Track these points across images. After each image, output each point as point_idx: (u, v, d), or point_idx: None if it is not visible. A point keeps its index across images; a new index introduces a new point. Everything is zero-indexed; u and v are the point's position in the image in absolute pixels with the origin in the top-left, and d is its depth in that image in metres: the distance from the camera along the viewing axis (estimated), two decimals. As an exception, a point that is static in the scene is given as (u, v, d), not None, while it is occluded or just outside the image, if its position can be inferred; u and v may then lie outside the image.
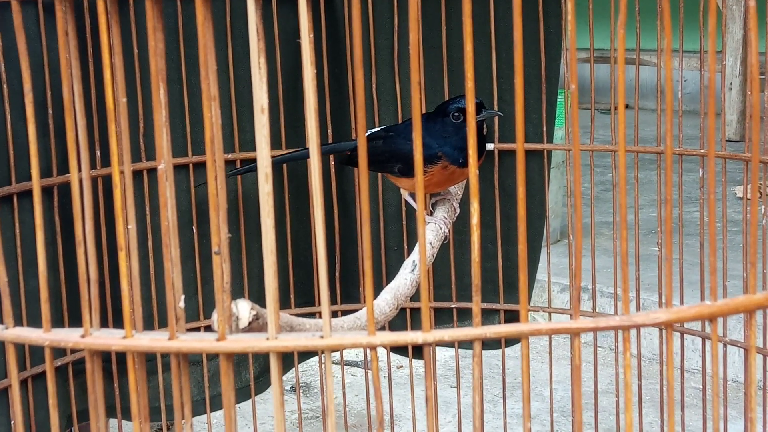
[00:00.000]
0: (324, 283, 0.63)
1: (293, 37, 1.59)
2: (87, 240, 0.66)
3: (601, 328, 0.65)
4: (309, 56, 0.62)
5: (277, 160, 1.50)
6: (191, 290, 1.56)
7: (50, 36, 1.40)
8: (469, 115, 0.63)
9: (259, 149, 0.64)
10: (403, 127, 1.43)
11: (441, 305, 1.66)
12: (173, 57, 1.51)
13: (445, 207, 1.39)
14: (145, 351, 0.65)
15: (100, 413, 0.68)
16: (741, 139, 4.68)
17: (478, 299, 0.64)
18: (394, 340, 0.64)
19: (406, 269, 1.17)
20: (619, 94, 0.60)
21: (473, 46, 0.62)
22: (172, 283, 0.66)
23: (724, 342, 1.50)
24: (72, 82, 0.64)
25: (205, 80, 0.64)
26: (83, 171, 0.65)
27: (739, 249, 1.52)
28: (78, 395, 1.50)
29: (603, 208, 3.51)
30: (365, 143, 0.63)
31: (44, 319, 0.67)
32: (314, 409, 2.41)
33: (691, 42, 1.79)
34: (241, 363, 1.64)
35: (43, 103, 1.40)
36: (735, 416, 2.17)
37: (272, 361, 0.64)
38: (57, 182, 1.42)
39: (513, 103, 1.61)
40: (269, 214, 0.64)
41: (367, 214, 0.63)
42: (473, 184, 0.63)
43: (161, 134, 0.65)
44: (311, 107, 0.63)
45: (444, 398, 2.33)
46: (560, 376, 2.30)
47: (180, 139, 1.54)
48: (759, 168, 1.16)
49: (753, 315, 0.66)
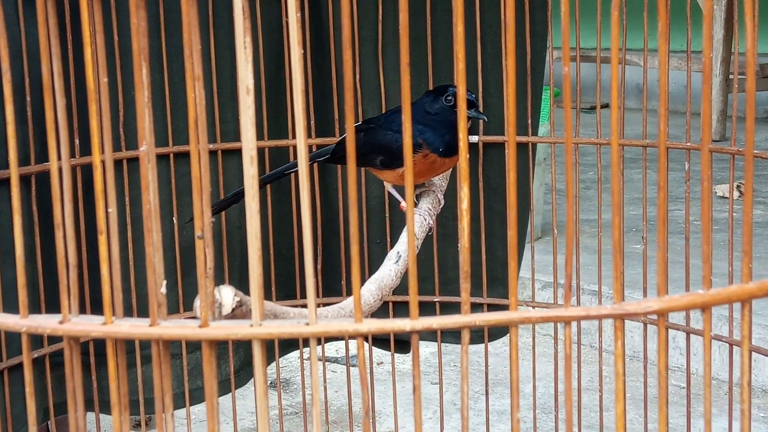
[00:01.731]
0: (310, 270, 0.62)
1: (276, 24, 1.57)
2: (66, 223, 0.65)
3: (593, 317, 0.64)
4: (296, 36, 0.61)
5: (265, 179, 1.46)
6: (171, 282, 1.54)
7: (29, 23, 1.38)
8: (460, 98, 0.61)
9: (243, 131, 0.63)
10: (384, 118, 1.42)
11: (424, 299, 1.65)
12: (154, 44, 1.49)
13: (429, 198, 1.38)
14: (126, 338, 0.63)
15: (78, 401, 0.66)
16: (721, 138, 4.70)
17: (467, 286, 0.63)
18: (381, 327, 0.63)
19: (391, 260, 1.15)
20: (612, 74, 0.58)
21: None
22: (154, 268, 0.64)
23: (711, 335, 1.50)
24: (51, 59, 0.62)
25: (188, 60, 0.63)
26: (62, 152, 0.63)
27: (723, 247, 1.51)
28: (55, 388, 1.48)
29: (585, 206, 3.51)
30: (353, 130, 0.61)
31: (21, 304, 0.65)
32: (294, 405, 2.39)
33: (674, 41, 1.79)
34: (221, 356, 1.62)
35: (21, 89, 1.37)
36: (716, 414, 2.16)
37: (255, 349, 0.62)
38: (35, 171, 1.40)
39: (498, 95, 1.60)
40: (254, 197, 0.62)
41: (354, 198, 0.62)
42: (463, 168, 0.62)
43: (143, 115, 0.63)
44: (298, 89, 0.61)
45: (425, 395, 2.32)
46: (541, 373, 2.29)
47: (161, 128, 1.52)
48: (741, 160, 1.16)
49: (746, 304, 0.65)
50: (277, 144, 1.60)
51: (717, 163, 1.51)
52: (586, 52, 4.18)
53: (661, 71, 0.65)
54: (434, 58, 1.59)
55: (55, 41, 0.63)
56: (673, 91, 5.28)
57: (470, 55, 1.57)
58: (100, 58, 0.63)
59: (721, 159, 1.54)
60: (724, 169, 1.51)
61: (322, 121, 1.63)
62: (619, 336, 0.64)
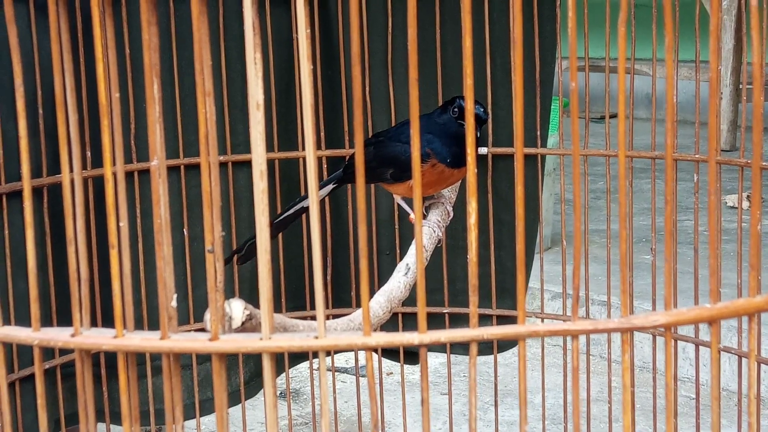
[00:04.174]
0: (319, 282, 0.62)
1: (287, 38, 1.58)
2: (78, 237, 0.65)
3: (600, 330, 0.64)
4: (306, 51, 0.61)
5: (277, 222, 1.43)
6: (181, 294, 1.55)
7: (41, 35, 1.39)
8: (468, 112, 0.62)
9: (254, 146, 0.63)
10: (393, 131, 1.42)
11: (433, 310, 1.65)
12: (166, 58, 1.50)
13: (438, 210, 1.38)
14: (137, 351, 0.64)
15: (90, 414, 0.67)
16: (732, 149, 4.69)
17: (476, 299, 0.63)
18: (390, 340, 0.63)
19: (400, 272, 1.15)
20: (619, 87, 0.59)
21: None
22: (164, 281, 0.65)
23: (719, 348, 1.50)
24: (63, 73, 0.63)
25: (200, 75, 0.63)
26: (74, 166, 0.64)
27: (732, 258, 1.51)
28: (66, 399, 1.48)
29: (594, 216, 3.50)
30: (362, 140, 0.62)
31: (33, 318, 0.66)
32: (303, 416, 2.39)
33: (685, 51, 1.79)
34: (231, 367, 1.63)
35: (33, 102, 1.38)
36: (726, 425, 2.16)
37: (265, 362, 0.63)
38: (47, 183, 1.41)
39: (507, 108, 1.60)
40: (264, 212, 0.63)
41: (363, 212, 0.62)
42: (471, 182, 0.62)
43: (154, 130, 0.64)
44: (308, 102, 0.62)
45: (434, 405, 2.32)
46: (551, 384, 2.29)
47: (172, 140, 1.53)
48: (759, 173, 1.16)
49: (753, 318, 0.65)
50: (287, 156, 1.61)
51: (727, 173, 1.51)
52: (596, 61, 4.18)
53: (668, 85, 0.66)
54: (443, 71, 1.60)
55: (67, 56, 0.64)
56: (683, 101, 5.27)
57: (479, 67, 1.57)
58: (111, 73, 0.64)
59: (731, 169, 1.53)
60: (735, 180, 1.51)
61: (332, 134, 1.63)
62: (626, 349, 0.64)
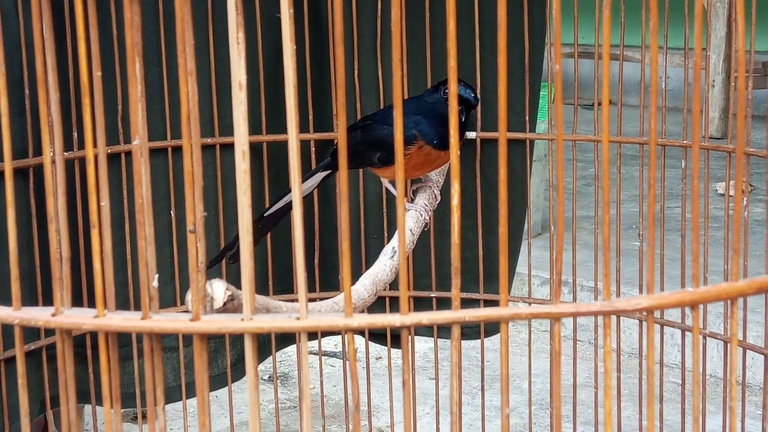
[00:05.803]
0: (301, 264, 0.62)
1: (276, 20, 1.57)
2: (59, 216, 0.65)
3: (582, 313, 0.64)
4: (289, 32, 0.61)
5: (267, 217, 1.44)
6: (168, 275, 1.54)
7: (28, 16, 1.38)
8: (451, 94, 0.62)
9: (236, 126, 0.63)
10: (381, 113, 1.42)
11: (420, 294, 1.65)
12: (153, 39, 1.49)
13: (425, 194, 1.38)
14: (117, 330, 0.64)
15: (70, 394, 0.67)
16: (723, 136, 4.70)
17: (458, 282, 0.63)
18: (372, 322, 0.63)
19: (386, 255, 1.15)
20: (604, 72, 0.59)
21: (456, 33, 0.61)
22: (146, 261, 0.65)
23: (704, 334, 1.50)
24: (45, 53, 0.62)
25: (182, 54, 0.63)
26: (56, 145, 0.64)
27: (720, 245, 1.51)
28: (51, 380, 1.48)
29: (584, 203, 3.50)
30: (345, 121, 0.62)
31: (14, 297, 0.65)
32: (291, 399, 2.40)
33: (675, 39, 1.79)
34: (218, 350, 1.63)
35: (20, 83, 1.38)
36: (713, 411, 2.16)
37: (247, 342, 0.63)
38: (32, 163, 1.40)
39: (496, 91, 1.60)
40: (246, 192, 0.63)
41: (345, 193, 0.62)
42: (454, 165, 0.62)
43: (136, 110, 0.64)
44: (290, 84, 0.62)
45: (422, 389, 2.33)
46: (538, 369, 2.30)
47: (159, 122, 1.52)
48: (742, 158, 1.15)
49: (735, 302, 0.65)
50: (275, 138, 1.61)
51: (717, 161, 1.52)
52: (586, 48, 4.18)
53: (653, 70, 0.66)
54: (432, 55, 1.59)
55: (48, 35, 0.64)
56: (674, 88, 5.26)
57: (468, 51, 1.57)
58: (94, 52, 0.63)
59: (721, 157, 1.54)
60: (724, 167, 1.51)
61: (321, 116, 1.63)
62: (608, 333, 0.64)
